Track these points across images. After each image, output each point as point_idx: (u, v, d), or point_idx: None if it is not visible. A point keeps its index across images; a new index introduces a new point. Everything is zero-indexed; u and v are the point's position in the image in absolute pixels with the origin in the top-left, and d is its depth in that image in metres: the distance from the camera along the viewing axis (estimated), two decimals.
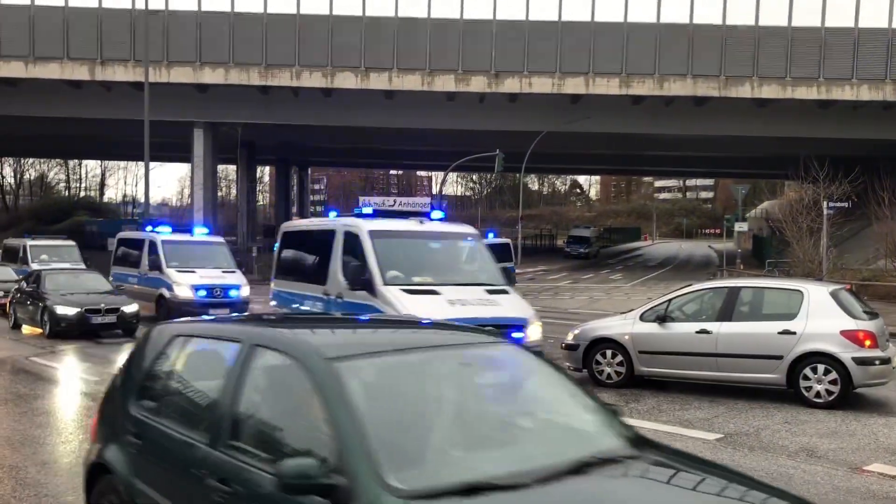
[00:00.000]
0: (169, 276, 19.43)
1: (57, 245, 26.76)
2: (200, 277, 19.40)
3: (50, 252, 25.48)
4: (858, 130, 38.93)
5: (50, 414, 9.39)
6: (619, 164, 70.26)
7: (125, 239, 23.37)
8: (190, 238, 21.30)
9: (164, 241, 20.21)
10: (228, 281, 19.76)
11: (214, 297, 19.24)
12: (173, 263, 19.62)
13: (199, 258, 20.25)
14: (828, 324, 9.70)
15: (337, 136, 49.48)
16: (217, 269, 20.04)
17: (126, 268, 21.80)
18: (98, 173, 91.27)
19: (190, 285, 19.08)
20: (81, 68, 36.77)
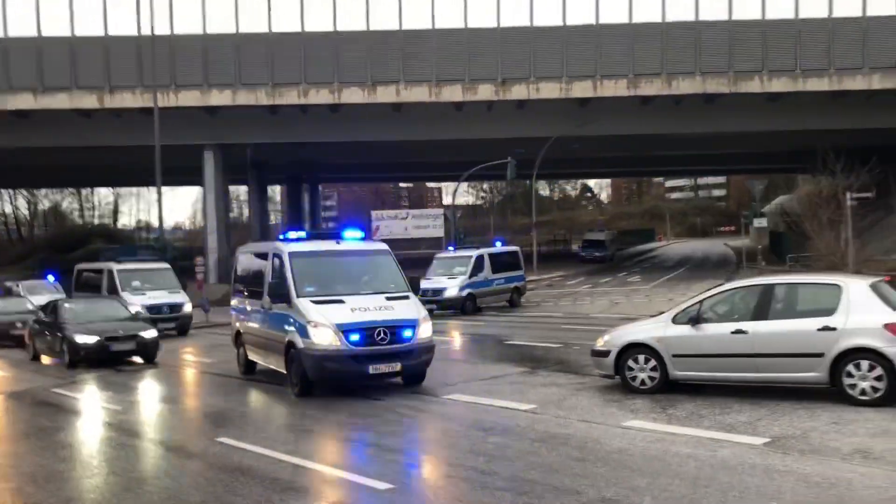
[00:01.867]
0: (302, 312, 11.88)
1: (150, 269, 24.66)
2: (351, 312, 11.80)
3: (143, 277, 23.69)
4: (873, 120, 38.42)
5: (73, 447, 9.19)
6: (630, 166, 69.89)
7: (250, 254, 15.30)
8: (335, 247, 13.35)
9: (292, 253, 12.69)
10: (397, 315, 12.01)
11: (376, 343, 11.68)
12: (308, 290, 12.28)
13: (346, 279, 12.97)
14: (870, 318, 9.36)
15: (346, 152, 49.41)
16: (375, 296, 12.34)
17: (246, 298, 14.68)
18: (111, 200, 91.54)
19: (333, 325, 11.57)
20: (90, 97, 36.87)
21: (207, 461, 8.15)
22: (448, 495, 6.55)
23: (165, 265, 25.13)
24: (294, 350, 11.77)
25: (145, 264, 24.92)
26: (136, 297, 22.03)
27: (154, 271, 24.23)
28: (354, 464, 7.68)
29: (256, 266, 14.29)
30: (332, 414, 10.51)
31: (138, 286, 22.81)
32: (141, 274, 23.65)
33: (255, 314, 13.82)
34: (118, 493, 7.07)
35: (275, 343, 12.53)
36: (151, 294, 22.60)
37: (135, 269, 23.93)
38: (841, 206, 27.03)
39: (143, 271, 23.98)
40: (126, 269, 23.47)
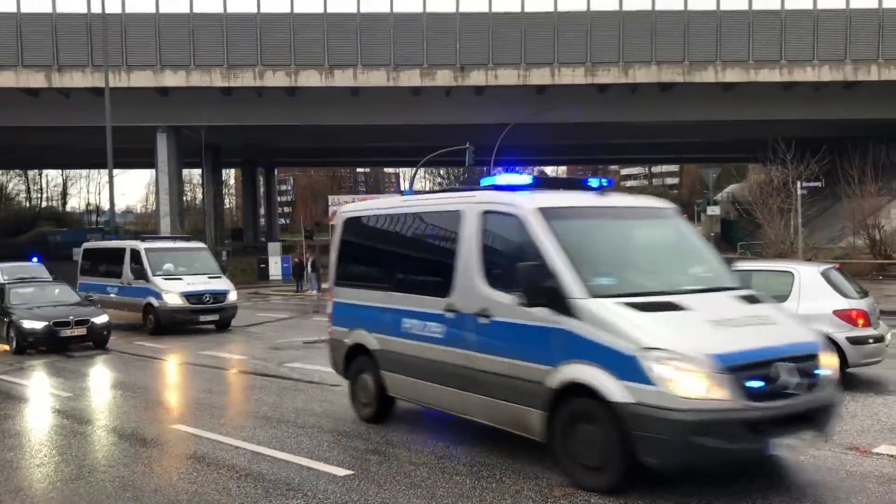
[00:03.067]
0: None
1: (185, 249, 21.31)
2: None
3: (176, 259, 20.43)
4: (822, 111, 39.34)
5: (22, 435, 8.95)
6: (586, 154, 70.41)
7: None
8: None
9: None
10: None
11: None
12: None
13: None
14: (820, 304, 9.60)
15: (303, 136, 48.93)
16: None
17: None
18: (60, 182, 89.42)
19: None
20: (38, 75, 35.86)
21: (162, 449, 8.02)
22: (408, 480, 6.54)
23: (201, 245, 22.51)
24: None
25: (178, 243, 21.77)
26: (170, 283, 19.26)
27: (189, 252, 21.15)
28: (313, 450, 7.62)
29: (415, 239, 8.43)
30: (287, 400, 10.42)
31: (171, 270, 19.85)
32: (174, 255, 20.58)
33: (424, 323, 7.71)
34: (69, 482, 6.91)
35: None
36: (190, 280, 19.51)
37: (166, 248, 20.98)
38: (791, 194, 27.61)
39: (175, 252, 20.85)
40: (156, 249, 20.44)
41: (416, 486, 6.39)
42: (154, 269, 19.44)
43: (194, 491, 6.49)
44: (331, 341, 9.38)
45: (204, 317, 19.23)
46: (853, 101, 38.42)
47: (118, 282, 20.43)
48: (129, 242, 20.71)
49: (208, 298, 19.20)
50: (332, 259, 9.33)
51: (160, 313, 18.91)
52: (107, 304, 19.59)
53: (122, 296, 20.22)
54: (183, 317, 19.04)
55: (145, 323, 19.32)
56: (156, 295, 19.03)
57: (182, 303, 18.87)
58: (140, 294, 19.49)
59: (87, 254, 22.66)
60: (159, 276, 19.37)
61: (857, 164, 29.07)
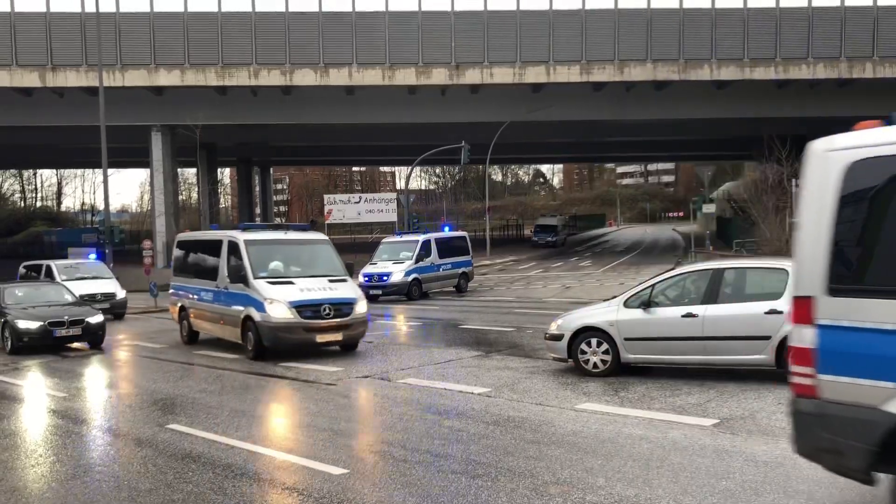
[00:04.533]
0: None
1: (299, 242, 16.00)
2: None
3: (288, 255, 15.36)
4: (816, 108, 39.38)
5: (17, 435, 8.93)
6: (582, 152, 70.52)
7: None
8: None
9: None
10: None
11: None
12: None
13: None
14: None
15: (298, 135, 48.89)
16: None
17: None
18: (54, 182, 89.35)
19: None
20: (31, 75, 35.76)
21: (157, 448, 8.00)
22: (403, 479, 6.54)
23: (320, 236, 16.65)
24: None
25: (290, 234, 16.32)
26: (276, 288, 14.04)
27: (305, 246, 15.94)
28: (308, 449, 7.61)
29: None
30: (282, 400, 10.40)
31: (279, 270, 14.80)
32: (284, 250, 15.47)
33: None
34: (65, 482, 6.90)
35: None
36: (304, 284, 14.32)
37: (274, 241, 15.67)
38: (786, 192, 27.65)
39: (286, 245, 15.70)
40: (260, 242, 15.26)
41: (411, 484, 6.39)
42: (256, 270, 14.52)
43: (189, 490, 6.48)
44: None
45: (323, 336, 13.93)
46: (848, 98, 38.46)
47: (213, 285, 15.66)
48: (226, 233, 16.13)
49: (328, 311, 13.92)
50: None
51: (263, 331, 13.77)
52: (200, 314, 16.27)
53: (217, 303, 15.44)
54: (293, 337, 13.77)
55: (244, 343, 14.39)
56: (257, 305, 13.92)
57: (291, 317, 13.66)
58: (238, 302, 14.54)
59: (183, 246, 18.35)
60: (263, 278, 14.38)
61: None
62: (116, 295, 23.51)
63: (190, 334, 16.86)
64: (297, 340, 13.91)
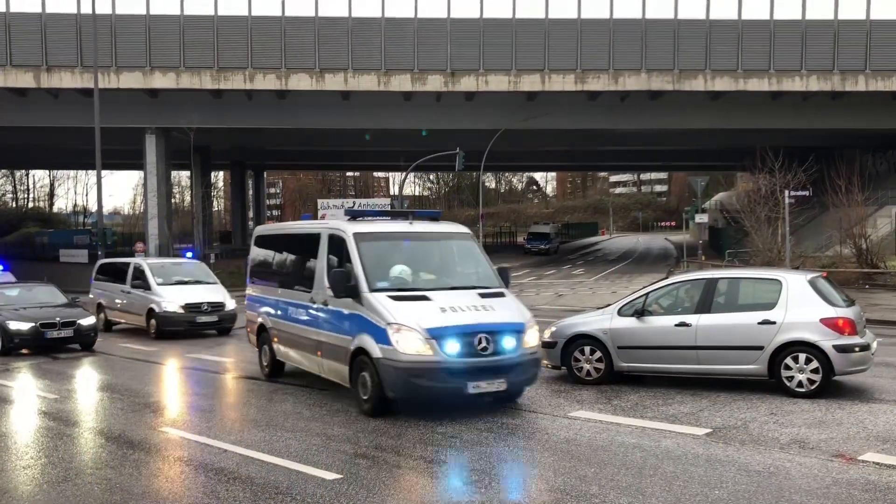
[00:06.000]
0: None
1: (432, 236, 10.85)
2: None
3: (417, 256, 10.44)
4: (809, 120, 39.65)
5: (7, 437, 8.88)
6: (576, 160, 70.73)
7: None
8: None
9: None
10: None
11: None
12: None
13: None
14: (807, 312, 9.65)
15: (293, 139, 48.86)
16: None
17: None
18: (47, 183, 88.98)
19: None
20: (26, 75, 35.67)
21: (149, 451, 7.98)
22: (396, 485, 6.53)
23: (461, 229, 11.19)
24: None
25: (416, 225, 10.73)
26: (408, 307, 9.15)
27: (438, 241, 10.87)
28: (301, 454, 7.60)
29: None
30: (276, 404, 10.38)
31: (406, 277, 9.84)
32: (411, 247, 10.53)
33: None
34: (56, 484, 6.87)
35: None
36: (447, 300, 9.31)
37: (397, 234, 10.55)
38: (779, 203, 27.77)
39: (413, 240, 10.57)
40: (377, 236, 10.32)
41: (406, 490, 6.39)
42: (373, 278, 9.53)
43: (182, 494, 6.47)
44: None
45: (478, 384, 8.78)
46: (840, 111, 38.72)
47: (306, 297, 10.77)
48: (327, 224, 11.42)
49: (485, 344, 8.83)
50: None
51: (386, 374, 8.87)
52: (286, 339, 11.50)
53: (311, 325, 10.60)
54: (435, 385, 8.81)
55: (354, 388, 9.53)
56: (376, 333, 9.06)
57: (430, 353, 8.73)
58: (345, 326, 9.72)
59: (263, 243, 13.22)
60: (384, 290, 9.41)
61: (845, 174, 29.26)
62: (225, 305, 18.92)
63: (273, 365, 12.10)
64: (441, 390, 8.76)
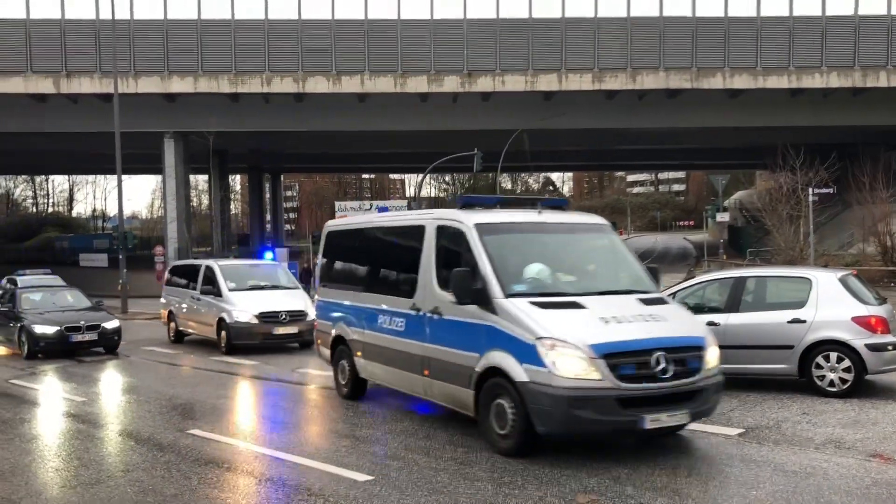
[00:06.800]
0: None
1: (564, 226, 8.80)
2: None
3: (552, 251, 8.43)
4: (830, 117, 39.23)
5: (39, 440, 8.93)
6: (593, 160, 70.41)
7: None
8: None
9: None
10: None
11: None
12: None
13: None
14: (838, 311, 9.54)
15: (310, 142, 48.96)
16: None
17: None
18: (66, 188, 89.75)
19: None
20: (46, 81, 35.94)
21: (179, 453, 7.98)
22: (428, 486, 6.49)
23: (597, 220, 9.34)
24: None
25: (544, 213, 8.71)
26: (560, 316, 7.25)
27: (575, 235, 8.93)
28: (331, 455, 7.58)
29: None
30: (302, 405, 10.38)
31: (545, 279, 7.96)
32: (544, 242, 8.46)
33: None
34: (89, 486, 6.89)
35: None
36: (604, 307, 7.45)
37: (527, 224, 8.55)
38: (801, 201, 27.53)
39: (545, 233, 8.51)
40: (504, 227, 8.40)
41: (438, 492, 6.35)
42: (506, 279, 7.67)
43: (215, 496, 6.46)
44: None
45: (657, 418, 6.94)
46: (862, 107, 38.30)
47: (404, 305, 8.92)
48: (433, 214, 9.11)
49: (664, 366, 6.94)
50: None
51: (539, 403, 6.96)
52: (378, 355, 9.55)
53: (415, 339, 8.68)
54: (605, 419, 6.90)
55: (486, 420, 7.57)
56: (518, 350, 7.19)
57: (597, 377, 6.83)
58: (469, 340, 7.79)
59: (338, 240, 11.33)
60: (522, 295, 7.53)
61: (868, 171, 28.95)
62: (307, 314, 15.94)
63: (354, 383, 10.26)
64: (610, 425, 6.90)
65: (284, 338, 16.15)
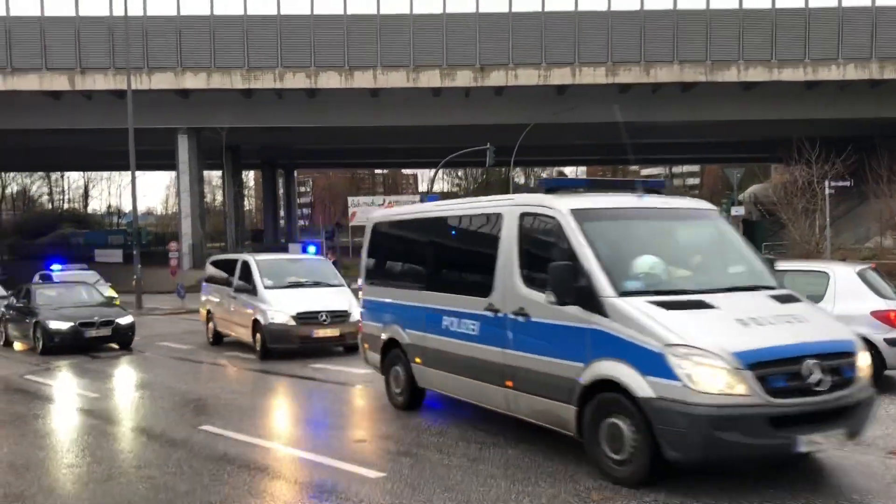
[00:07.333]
0: None
1: (669, 212, 7.74)
2: None
3: (661, 241, 7.36)
4: (847, 110, 38.87)
5: (52, 435, 8.95)
6: (606, 154, 70.12)
7: None
8: None
9: None
10: None
11: None
12: None
13: None
14: (857, 305, 9.41)
15: (322, 137, 49.01)
16: None
17: None
18: (81, 184, 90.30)
19: None
20: (61, 78, 36.16)
21: (191, 449, 7.96)
22: (440, 483, 6.44)
23: (705, 205, 8.13)
24: None
25: (645, 198, 7.51)
26: (688, 318, 6.14)
27: (680, 222, 7.75)
28: (343, 452, 7.55)
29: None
30: (315, 402, 10.35)
31: (659, 273, 6.76)
32: (651, 229, 7.43)
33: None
34: (102, 483, 6.88)
35: None
36: (740, 307, 6.42)
37: (632, 210, 7.39)
38: (816, 194, 27.27)
39: (652, 220, 7.50)
40: (611, 213, 7.30)
41: (451, 489, 6.29)
42: (617, 275, 6.54)
43: (227, 493, 6.43)
44: None
45: (811, 439, 5.87)
46: (880, 99, 37.92)
47: (481, 304, 7.76)
48: (515, 200, 7.81)
49: (818, 376, 5.84)
50: None
51: (670, 423, 5.79)
52: (440, 359, 8.48)
53: (493, 345, 7.59)
54: (775, 438, 5.75)
55: (594, 442, 6.41)
56: (643, 360, 5.97)
57: (744, 392, 5.68)
58: (576, 348, 6.56)
59: (389, 230, 10.12)
60: (638, 292, 6.41)
61: (886, 163, 28.64)
62: (350, 314, 14.23)
63: (411, 393, 9.15)
64: (761, 449, 5.80)
65: (325, 341, 14.47)
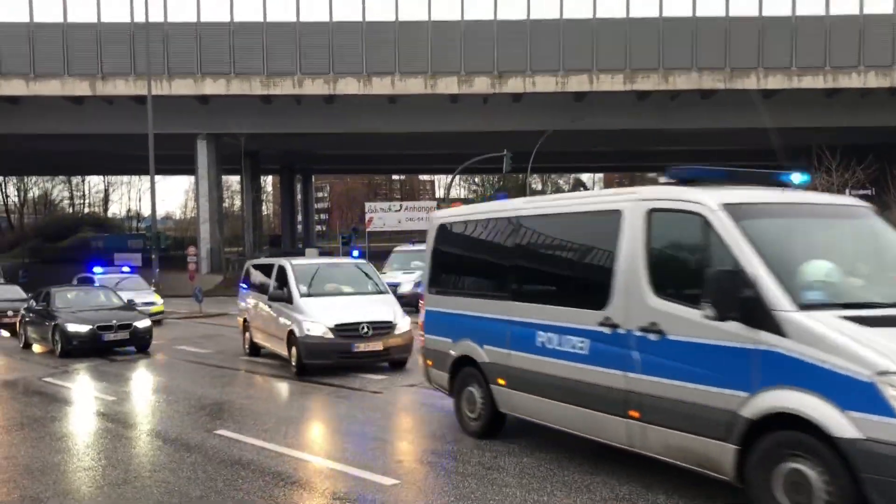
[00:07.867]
0: None
1: (823, 208, 6.81)
2: None
3: (822, 242, 6.25)
4: (867, 118, 38.52)
5: (68, 438, 9.00)
6: (624, 161, 69.93)
7: None
8: None
9: None
10: None
11: None
12: None
13: None
14: None
15: (340, 143, 49.19)
16: None
17: None
18: (101, 189, 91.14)
19: None
20: (82, 84, 36.54)
21: (206, 454, 7.98)
22: (454, 491, 6.41)
23: (855, 201, 7.13)
24: None
25: (786, 192, 6.61)
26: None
27: (837, 220, 6.62)
28: (357, 458, 7.53)
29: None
30: (329, 407, 10.35)
31: (834, 283, 5.56)
32: (808, 229, 6.34)
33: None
34: (116, 486, 6.91)
35: None
36: None
37: (788, 205, 6.44)
38: None
39: (807, 217, 6.41)
40: (766, 210, 6.21)
41: (465, 497, 6.26)
42: (792, 283, 5.43)
43: (240, 498, 6.44)
44: None
45: None
46: None
47: (592, 318, 6.63)
48: (638, 194, 6.77)
49: None
50: None
51: (885, 482, 4.62)
52: (531, 381, 7.41)
53: (612, 368, 6.42)
54: None
55: (764, 491, 5.23)
56: (841, 392, 4.83)
57: None
58: (738, 374, 5.41)
59: (458, 234, 9.08)
60: (823, 305, 5.30)
61: None
62: (395, 325, 13.13)
63: (490, 418, 8.10)
64: None
65: (366, 356, 12.87)
